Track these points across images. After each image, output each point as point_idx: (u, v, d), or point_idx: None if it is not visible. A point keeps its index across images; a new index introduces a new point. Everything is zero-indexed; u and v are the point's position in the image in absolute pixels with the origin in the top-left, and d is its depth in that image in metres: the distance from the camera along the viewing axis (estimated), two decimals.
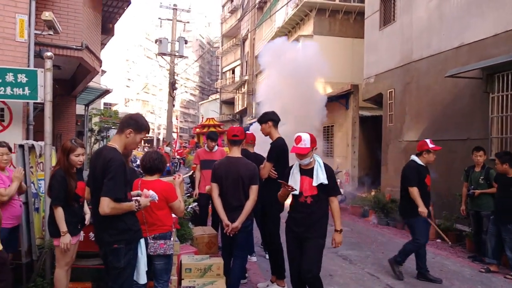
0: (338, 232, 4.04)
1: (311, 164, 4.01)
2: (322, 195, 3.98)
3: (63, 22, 7.22)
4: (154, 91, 64.67)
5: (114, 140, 3.24)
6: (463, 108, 8.49)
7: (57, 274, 3.89)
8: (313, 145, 3.96)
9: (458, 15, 8.73)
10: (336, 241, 4.04)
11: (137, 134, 3.22)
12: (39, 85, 4.83)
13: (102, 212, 2.96)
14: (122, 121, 3.28)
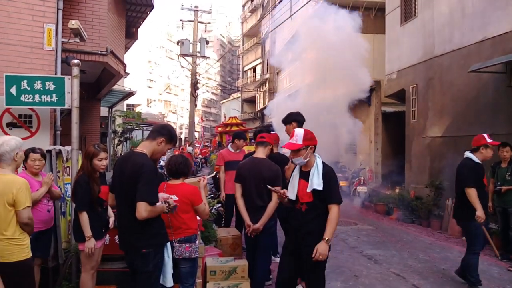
0: (324, 242, 3.39)
1: (310, 166, 3.57)
2: (319, 202, 3.50)
3: (88, 29, 7.41)
4: (176, 91, 65.28)
5: (143, 145, 3.31)
6: (487, 103, 8.33)
7: (83, 278, 3.99)
8: (307, 142, 3.50)
9: (480, 8, 8.55)
10: (319, 251, 3.37)
11: (167, 145, 3.33)
12: (66, 91, 4.98)
13: (140, 216, 3.01)
14: (155, 129, 3.36)
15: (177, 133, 45.76)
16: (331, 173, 3.53)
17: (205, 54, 22.40)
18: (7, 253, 3.12)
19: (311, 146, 3.52)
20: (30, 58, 5.49)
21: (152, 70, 58.65)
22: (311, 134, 3.56)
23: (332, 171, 3.55)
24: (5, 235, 3.12)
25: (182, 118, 60.54)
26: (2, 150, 3.21)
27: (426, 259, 6.61)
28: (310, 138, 3.53)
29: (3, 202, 3.11)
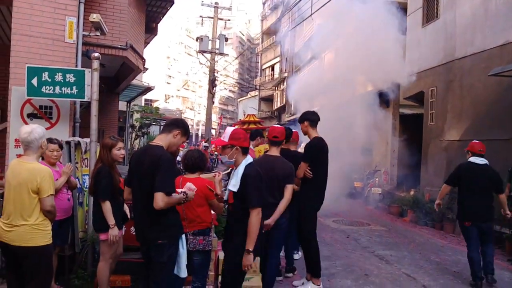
0: (246, 253, 3.23)
1: (237, 166, 3.44)
2: (239, 205, 3.37)
3: (109, 23, 7.52)
4: (194, 88, 65.66)
5: (159, 139, 3.37)
6: (506, 107, 8.20)
7: (101, 267, 4.10)
8: (232, 142, 3.39)
9: (504, 11, 8.41)
10: (243, 263, 3.25)
11: (182, 137, 3.40)
12: (86, 84, 5.10)
13: (157, 206, 3.06)
14: (171, 122, 3.44)
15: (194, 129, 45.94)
16: (251, 176, 3.30)
17: (224, 51, 22.49)
18: (30, 237, 3.24)
19: (237, 146, 3.38)
20: (52, 51, 5.60)
21: (170, 66, 59.11)
22: (239, 135, 3.44)
23: (254, 175, 3.32)
24: (29, 221, 3.24)
25: (199, 115, 60.88)
26: (32, 137, 3.32)
27: (438, 261, 6.56)
28: (237, 138, 3.40)
29: (27, 190, 3.23)
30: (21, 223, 3.22)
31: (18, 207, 3.24)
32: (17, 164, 3.36)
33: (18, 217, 3.23)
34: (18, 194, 3.24)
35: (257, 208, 3.23)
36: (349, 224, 9.34)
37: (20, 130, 3.38)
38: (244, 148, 3.42)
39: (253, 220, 3.22)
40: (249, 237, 3.22)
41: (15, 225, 3.23)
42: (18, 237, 3.23)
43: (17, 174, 3.27)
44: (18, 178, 3.25)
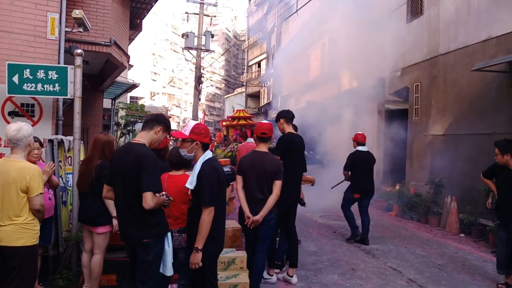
0: (195, 251, 3.17)
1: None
2: (197, 202, 3.28)
3: (92, 19, 7.43)
4: (180, 84, 65.32)
5: (141, 136, 3.30)
6: (489, 102, 8.32)
7: (97, 260, 4.13)
8: (193, 136, 3.32)
9: (486, 7, 8.52)
10: (190, 261, 3.20)
11: (164, 133, 3.37)
12: (69, 81, 5.01)
13: (148, 206, 3.02)
14: (151, 119, 3.36)
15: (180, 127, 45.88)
16: (207, 173, 3.21)
17: (210, 47, 22.39)
18: (18, 237, 3.20)
19: (197, 141, 3.32)
20: (33, 47, 5.51)
21: (156, 63, 58.70)
22: (201, 130, 3.35)
23: (209, 173, 3.22)
24: (18, 220, 3.19)
25: (185, 112, 60.65)
26: (20, 135, 3.26)
27: (423, 254, 6.65)
28: (198, 133, 3.33)
29: (16, 189, 3.18)
30: (9, 223, 3.18)
31: (6, 206, 3.19)
32: (4, 163, 3.30)
33: (7, 216, 3.18)
34: (6, 193, 3.19)
35: (210, 207, 3.16)
36: (336, 219, 9.40)
37: (8, 128, 3.32)
38: (204, 144, 3.36)
39: (205, 219, 3.15)
40: (199, 235, 3.16)
41: (3, 225, 3.18)
42: (6, 237, 3.18)
43: (5, 173, 3.21)
44: (6, 177, 3.20)
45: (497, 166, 5.15)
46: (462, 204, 8.36)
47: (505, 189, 5.09)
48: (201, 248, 3.16)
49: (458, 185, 8.83)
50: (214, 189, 3.21)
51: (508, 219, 5.02)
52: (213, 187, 3.20)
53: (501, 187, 5.17)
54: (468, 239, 7.80)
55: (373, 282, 5.26)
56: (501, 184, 5.17)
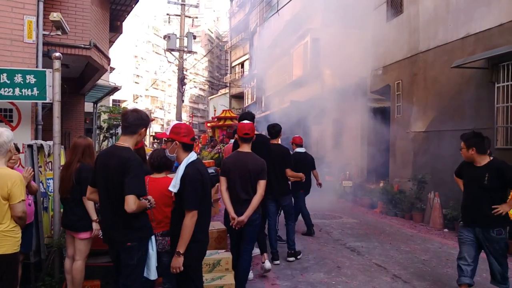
0: (176, 255, 3.13)
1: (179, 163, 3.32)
2: (180, 204, 3.22)
3: (71, 22, 7.34)
4: (163, 87, 64.90)
5: (124, 140, 3.23)
6: (469, 98, 8.46)
7: (79, 266, 4.08)
8: (173, 136, 3.29)
9: (464, 5, 8.66)
10: (172, 265, 3.17)
11: (145, 130, 3.34)
12: (47, 85, 4.93)
13: (130, 209, 2.98)
14: (133, 122, 3.22)
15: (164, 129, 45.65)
16: (191, 176, 3.16)
17: (193, 49, 22.29)
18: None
19: (176, 141, 3.29)
20: (10, 51, 5.41)
21: (138, 65, 58.24)
22: (180, 129, 3.31)
23: (192, 176, 3.17)
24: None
25: (169, 114, 60.29)
26: (1, 141, 3.19)
27: (408, 250, 6.72)
28: (177, 133, 3.29)
29: None
30: None
31: None
32: None
33: None
34: None
35: (193, 211, 3.12)
36: (321, 218, 9.44)
37: None
38: (184, 144, 3.30)
39: (187, 223, 3.10)
40: (181, 239, 3.11)
41: None
42: None
43: None
44: None
45: (464, 163, 4.61)
46: (445, 200, 8.48)
47: (469, 188, 4.47)
48: (182, 252, 3.13)
49: (440, 180, 8.96)
50: (197, 193, 3.17)
51: (473, 221, 4.39)
52: (196, 191, 3.16)
53: (465, 185, 4.57)
54: (452, 234, 7.91)
55: (358, 279, 5.30)
56: (466, 182, 4.55)
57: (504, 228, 4.22)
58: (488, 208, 4.18)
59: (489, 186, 4.19)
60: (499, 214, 4.14)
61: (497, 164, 4.24)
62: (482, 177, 4.22)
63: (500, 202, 4.19)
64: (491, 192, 4.21)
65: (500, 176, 4.16)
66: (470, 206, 4.43)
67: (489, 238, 4.24)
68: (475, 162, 4.34)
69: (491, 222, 4.20)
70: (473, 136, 4.36)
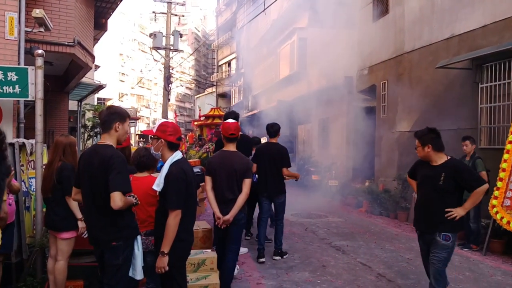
0: (161, 255, 3.10)
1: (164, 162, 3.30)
2: (164, 203, 3.19)
3: (55, 19, 7.22)
4: (149, 85, 64.43)
5: (104, 138, 3.23)
6: (453, 98, 8.56)
7: (61, 266, 4.02)
8: (158, 133, 3.26)
9: (449, 6, 8.76)
10: (156, 265, 3.13)
11: (124, 123, 3.27)
12: (30, 83, 4.85)
13: (116, 206, 2.95)
14: (105, 119, 3.23)
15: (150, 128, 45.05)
16: (174, 175, 3.12)
17: (179, 47, 22.16)
18: None
19: (161, 139, 3.25)
20: None
21: (124, 64, 57.72)
22: (166, 128, 3.27)
23: (176, 175, 3.13)
24: None
25: (155, 113, 59.90)
26: None
27: (392, 249, 6.77)
28: (163, 131, 3.25)
29: None
30: None
31: None
32: None
33: None
34: None
35: (176, 210, 3.08)
36: (307, 217, 9.47)
37: None
38: (169, 143, 3.26)
39: (171, 222, 3.07)
40: (165, 239, 3.09)
41: None
42: None
43: None
44: None
45: (419, 162, 4.19)
46: None
47: (423, 189, 4.04)
48: (167, 252, 3.10)
49: None
50: (181, 192, 3.13)
51: (424, 227, 4.00)
52: (180, 190, 3.13)
53: (419, 186, 4.12)
54: None
55: (343, 278, 5.32)
56: (420, 183, 4.10)
57: (453, 234, 3.80)
58: (442, 211, 3.78)
59: (444, 187, 3.78)
60: (452, 218, 3.75)
61: (454, 164, 3.88)
62: (438, 177, 3.82)
63: (455, 206, 3.80)
64: (446, 194, 3.81)
65: (456, 176, 3.77)
66: (423, 208, 4.00)
67: (435, 243, 3.83)
68: (431, 161, 3.95)
69: (441, 226, 3.79)
70: (428, 132, 3.98)
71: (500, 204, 6.27)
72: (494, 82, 7.61)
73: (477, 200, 3.88)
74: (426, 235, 3.94)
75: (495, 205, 6.32)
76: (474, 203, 3.89)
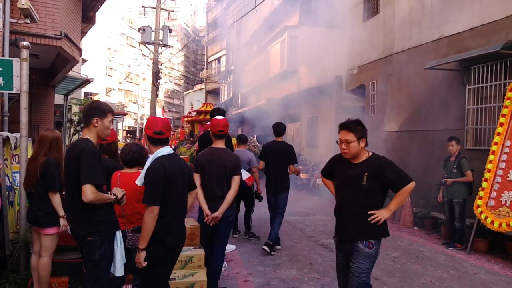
0: (138, 250, 3.09)
1: None
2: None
3: (41, 10, 7.08)
4: (137, 80, 63.85)
5: (84, 133, 3.25)
6: (441, 99, 8.62)
7: (45, 263, 3.96)
8: (145, 130, 3.24)
9: (439, 8, 8.82)
10: (135, 260, 3.11)
11: (104, 119, 3.21)
12: (14, 75, 4.73)
13: (87, 199, 2.92)
14: (84, 114, 3.24)
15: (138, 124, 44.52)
16: (151, 170, 3.09)
17: (168, 42, 21.94)
18: None
19: (148, 135, 3.23)
20: None
21: (111, 58, 57.08)
22: (151, 124, 3.22)
23: (152, 170, 3.09)
24: None
25: (143, 109, 59.38)
26: None
27: None
28: (148, 127, 3.21)
29: None
30: None
31: None
32: None
33: None
34: None
35: (151, 206, 3.03)
36: (295, 215, 9.47)
37: None
38: (148, 137, 3.23)
39: (146, 218, 3.03)
40: (141, 235, 3.07)
41: None
42: None
43: None
44: None
45: (336, 159, 3.67)
46: (415, 198, 8.64)
47: (343, 190, 3.49)
48: (142, 248, 3.06)
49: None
50: (156, 188, 3.06)
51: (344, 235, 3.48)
52: (155, 186, 3.07)
53: (338, 188, 3.56)
54: (421, 232, 8.08)
55: (330, 275, 5.32)
56: (339, 184, 3.56)
57: (377, 240, 3.36)
58: (365, 215, 3.29)
59: (367, 187, 3.27)
60: (376, 222, 3.27)
61: (378, 160, 3.37)
62: (360, 177, 3.29)
63: (378, 208, 3.32)
64: (370, 195, 3.31)
65: (381, 174, 3.28)
66: (343, 213, 3.48)
67: (356, 252, 3.33)
68: (353, 159, 3.41)
69: (364, 232, 3.32)
70: (359, 123, 3.40)
71: (484, 204, 6.35)
72: (481, 84, 7.69)
73: (403, 200, 3.39)
74: (347, 244, 3.42)
75: (480, 205, 6.40)
76: (400, 204, 3.40)
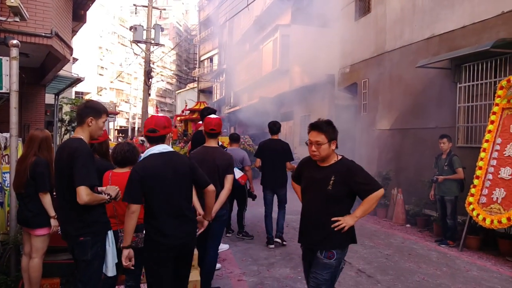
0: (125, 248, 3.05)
1: None
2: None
3: (31, 8, 7.00)
4: (129, 79, 63.56)
5: (77, 132, 3.21)
6: (432, 97, 8.67)
7: (36, 264, 3.91)
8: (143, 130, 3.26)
9: (430, 6, 8.86)
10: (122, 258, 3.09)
11: (99, 119, 3.20)
12: (4, 74, 4.68)
13: (82, 201, 2.90)
14: (79, 113, 3.22)
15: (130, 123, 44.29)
16: (132, 169, 3.11)
17: (160, 41, 21.85)
18: None
19: (144, 134, 3.30)
20: None
21: (103, 57, 56.78)
22: (146, 123, 3.24)
23: (135, 167, 3.12)
24: None
25: (135, 108, 59.09)
26: None
27: (371, 245, 6.84)
28: (144, 126, 3.28)
29: None
30: None
31: None
32: None
33: None
34: None
35: (129, 204, 3.00)
36: (288, 213, 9.37)
37: None
38: (145, 136, 3.25)
39: (128, 213, 3.01)
40: (127, 234, 3.04)
41: None
42: None
43: None
44: None
45: (304, 162, 3.39)
46: (408, 196, 8.70)
47: (308, 195, 3.22)
48: (124, 246, 3.04)
49: (404, 177, 9.18)
50: (131, 186, 3.03)
51: (307, 242, 3.23)
52: (130, 184, 3.04)
53: (304, 192, 3.28)
54: (414, 229, 8.12)
55: None
56: (305, 188, 3.28)
57: (340, 250, 3.06)
58: (328, 222, 3.02)
59: (333, 193, 3.02)
60: (340, 230, 3.01)
61: (347, 164, 3.15)
62: (326, 181, 3.05)
63: (343, 215, 3.06)
64: (335, 201, 3.06)
65: (348, 179, 3.04)
66: (306, 219, 3.20)
67: (316, 261, 3.07)
68: (322, 161, 3.16)
69: (325, 240, 3.05)
70: (330, 124, 3.17)
71: (476, 201, 6.40)
72: (472, 82, 7.74)
73: (370, 208, 3.11)
74: (308, 251, 3.21)
75: (472, 202, 6.45)
76: (367, 211, 3.11)
